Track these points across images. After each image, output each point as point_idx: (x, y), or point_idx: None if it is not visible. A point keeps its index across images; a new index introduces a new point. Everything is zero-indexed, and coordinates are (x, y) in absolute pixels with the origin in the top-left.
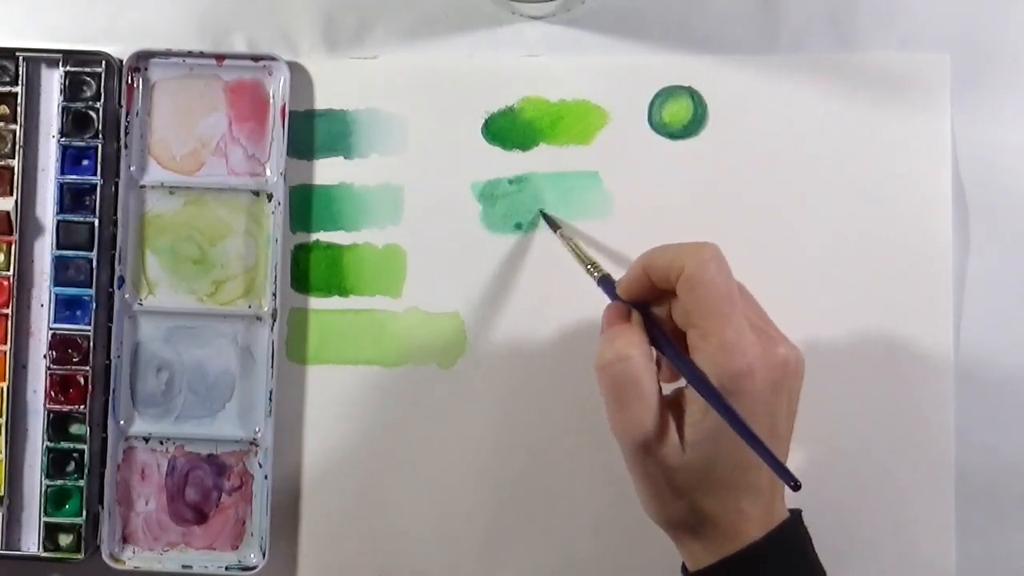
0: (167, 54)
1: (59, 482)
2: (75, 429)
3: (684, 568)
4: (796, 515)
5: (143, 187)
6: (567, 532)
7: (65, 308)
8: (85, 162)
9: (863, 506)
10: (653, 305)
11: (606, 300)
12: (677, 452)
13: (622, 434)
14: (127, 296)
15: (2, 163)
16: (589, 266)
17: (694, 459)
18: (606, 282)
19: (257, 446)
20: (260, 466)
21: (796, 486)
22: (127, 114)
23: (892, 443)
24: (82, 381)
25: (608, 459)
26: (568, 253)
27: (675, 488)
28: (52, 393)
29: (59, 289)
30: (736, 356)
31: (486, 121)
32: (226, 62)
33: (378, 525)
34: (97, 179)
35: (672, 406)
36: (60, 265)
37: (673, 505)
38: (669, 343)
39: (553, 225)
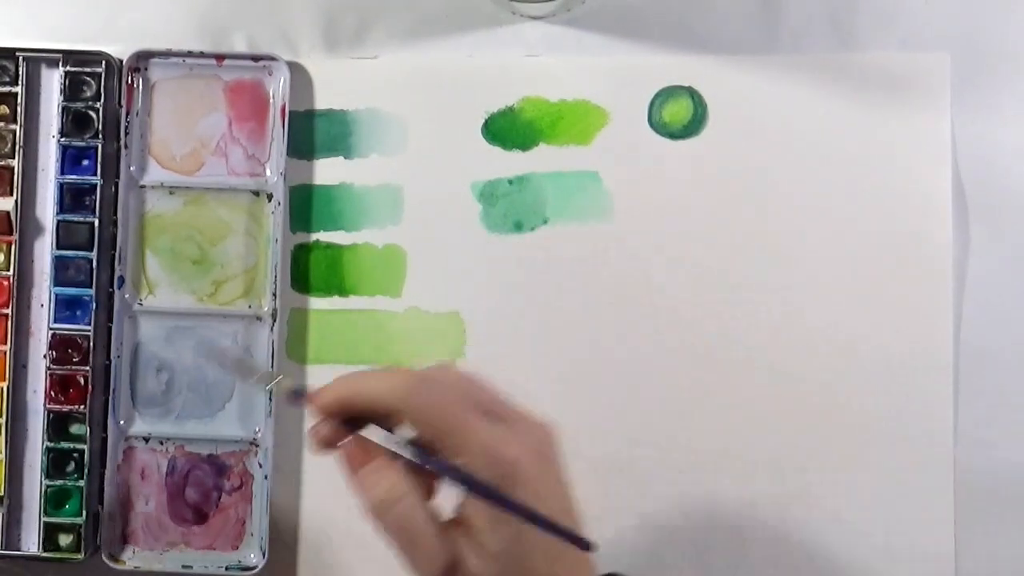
0: (167, 54)
1: (59, 482)
2: (75, 429)
3: None
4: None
5: (143, 187)
6: None
7: (65, 308)
8: (85, 162)
9: (863, 506)
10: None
11: (607, 299)
12: (483, 570)
13: (423, 573)
14: (127, 296)
15: (2, 163)
16: (274, 381)
17: (503, 569)
18: (298, 394)
19: (257, 446)
20: (260, 466)
21: (587, 547)
22: (127, 114)
23: (892, 443)
24: (82, 381)
25: (607, 459)
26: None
27: None
28: (52, 393)
29: (59, 289)
30: (494, 455)
31: (486, 121)
32: (226, 62)
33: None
34: (97, 179)
35: (459, 525)
36: (60, 265)
37: None
38: (424, 455)
39: (246, 373)
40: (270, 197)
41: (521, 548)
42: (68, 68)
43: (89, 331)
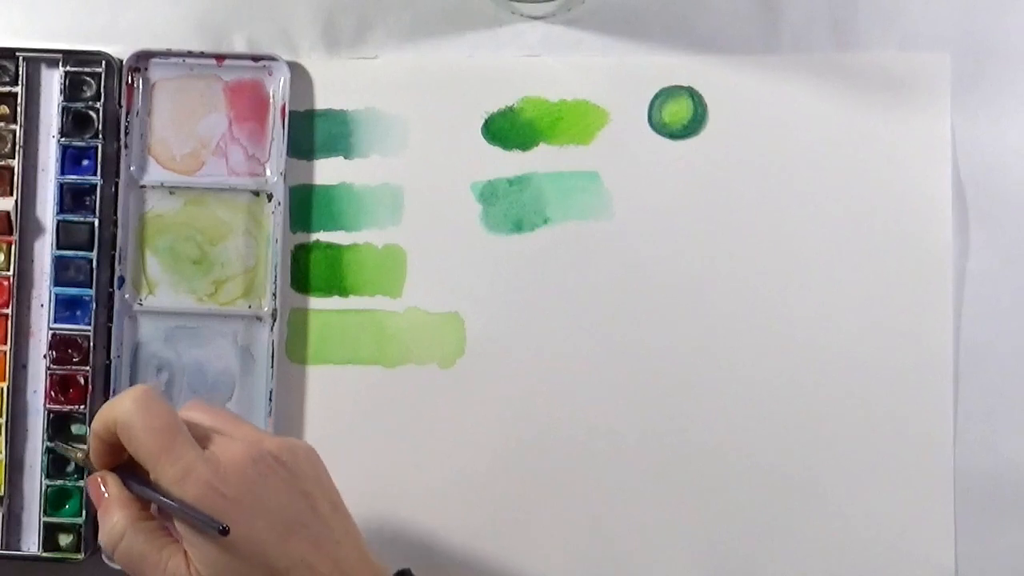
0: (167, 54)
1: (59, 482)
2: (75, 429)
3: None
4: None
5: (143, 187)
6: (567, 531)
7: (65, 308)
8: (85, 162)
9: (863, 506)
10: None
11: (607, 300)
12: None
13: (105, 524)
14: (127, 296)
15: (2, 163)
16: (79, 454)
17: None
18: (84, 464)
19: None
20: None
21: (225, 532)
22: (127, 114)
23: (892, 443)
24: (82, 381)
25: (607, 458)
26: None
27: None
28: (52, 393)
29: (59, 289)
30: (190, 479)
31: (486, 121)
32: (226, 62)
33: (378, 525)
34: (97, 179)
35: (184, 554)
36: (60, 265)
37: None
38: (142, 485)
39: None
40: (270, 197)
41: (229, 566)
42: (68, 68)
43: (89, 331)
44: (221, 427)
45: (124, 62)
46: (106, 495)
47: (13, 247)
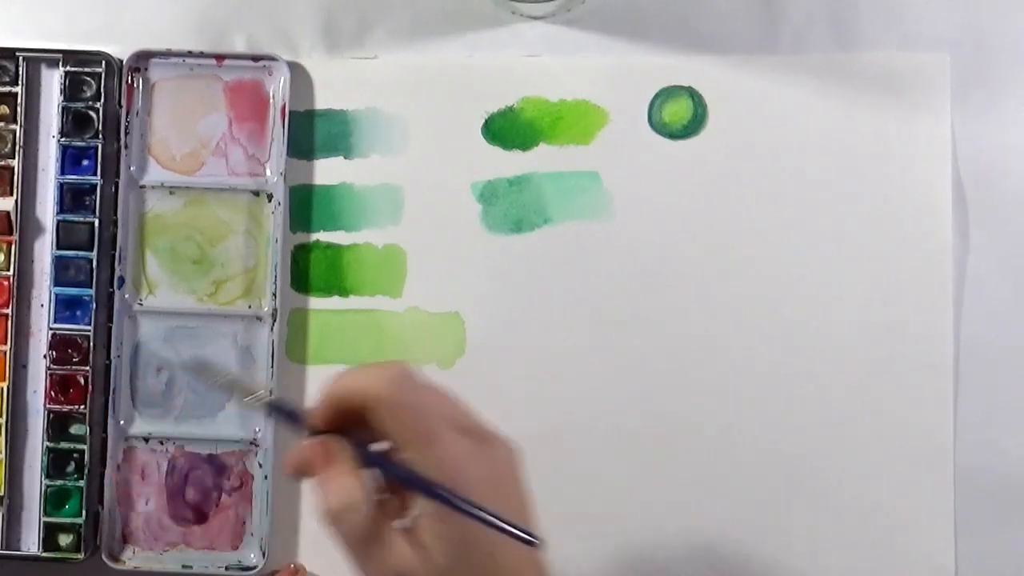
0: (167, 54)
1: (59, 482)
2: (75, 429)
3: None
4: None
5: (143, 187)
6: (567, 531)
7: (65, 308)
8: (85, 162)
9: (863, 505)
10: (354, 429)
11: (607, 300)
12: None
13: (324, 503)
14: (127, 296)
15: (2, 163)
16: (250, 397)
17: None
18: (274, 406)
19: (257, 446)
20: (260, 466)
21: (533, 543)
22: (127, 114)
23: (892, 442)
24: (82, 381)
25: (607, 457)
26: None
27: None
28: (52, 393)
29: (59, 289)
30: (455, 471)
31: (486, 121)
32: (226, 62)
33: None
34: (97, 179)
35: (410, 536)
36: (60, 265)
37: None
38: (383, 460)
39: (208, 376)
40: (270, 197)
41: (468, 564)
42: (68, 68)
43: (89, 331)
44: (466, 420)
45: (124, 62)
46: (339, 462)
47: (13, 247)
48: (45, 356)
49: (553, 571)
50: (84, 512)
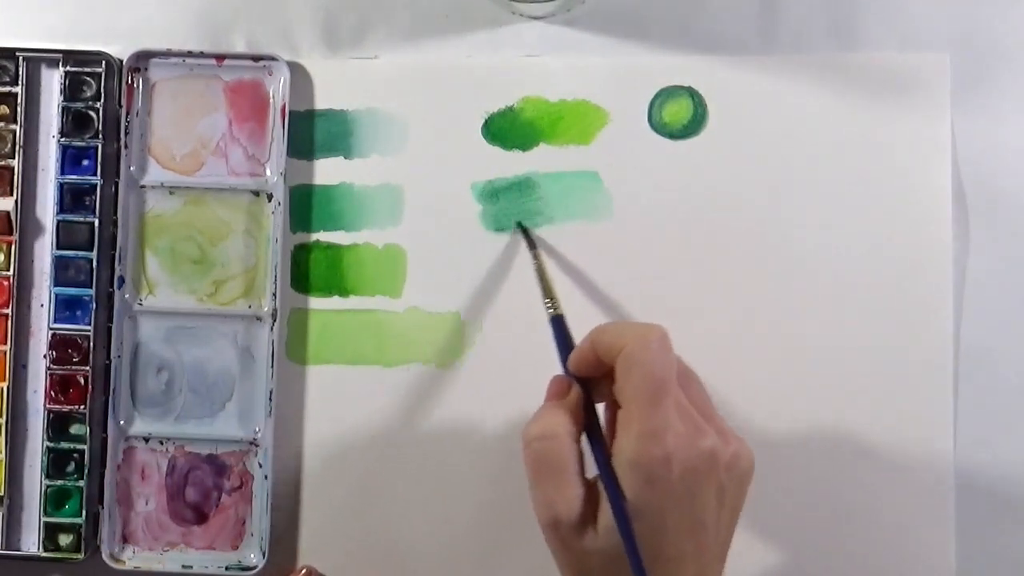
0: (167, 54)
1: (59, 482)
2: (75, 429)
3: None
4: None
5: (143, 187)
6: None
7: (65, 308)
8: (85, 162)
9: (863, 505)
10: (600, 380)
11: (607, 300)
12: (590, 535)
13: (535, 509)
14: (127, 296)
15: (2, 163)
16: (548, 300)
17: (606, 545)
18: (558, 322)
19: (257, 446)
20: (260, 466)
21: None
22: (127, 114)
23: (892, 443)
24: (82, 381)
25: None
26: (533, 273)
27: (588, 571)
28: (52, 393)
29: (59, 289)
30: (655, 444)
31: (486, 121)
32: (226, 62)
33: (378, 525)
34: (97, 179)
35: (594, 489)
36: (60, 265)
37: None
38: (596, 427)
39: (530, 243)
40: (270, 197)
41: (618, 565)
42: (68, 68)
43: (89, 331)
44: (701, 409)
45: (124, 62)
46: (564, 401)
47: (13, 247)
48: (45, 356)
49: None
50: (84, 512)
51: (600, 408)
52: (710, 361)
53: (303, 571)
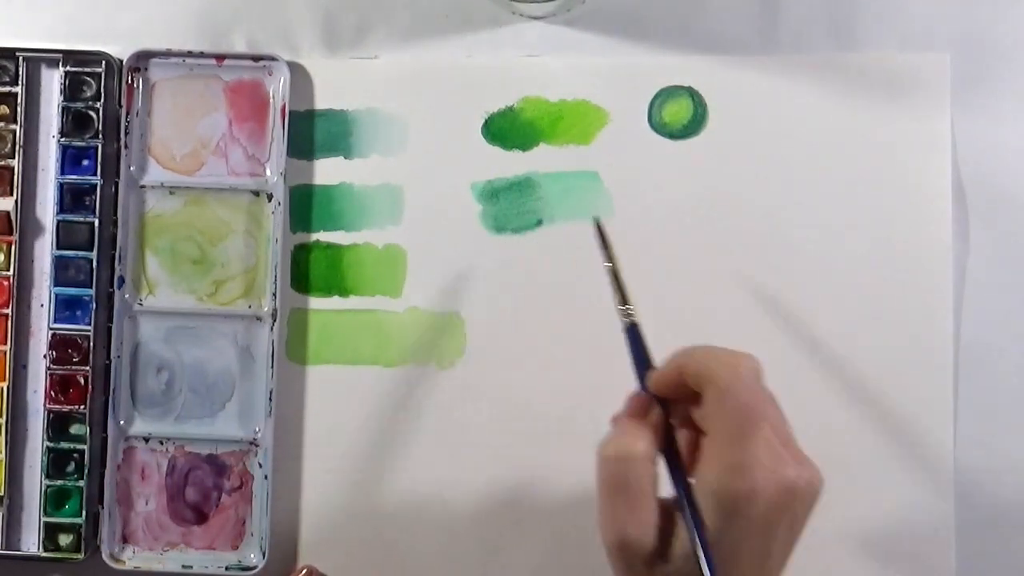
0: (167, 54)
1: (59, 482)
2: (75, 429)
3: None
4: None
5: (143, 187)
6: (566, 532)
7: (65, 308)
8: (85, 162)
9: (863, 506)
10: (679, 401)
11: (607, 300)
12: (660, 563)
13: (603, 527)
14: (127, 296)
15: (2, 163)
16: (624, 307)
17: (676, 572)
18: (634, 332)
19: (257, 446)
20: (260, 466)
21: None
22: (127, 114)
23: (892, 443)
24: (82, 381)
25: None
26: (607, 278)
27: None
28: (52, 393)
29: (59, 289)
30: (742, 479)
31: (486, 121)
32: (226, 62)
33: (378, 525)
34: (97, 179)
35: (668, 515)
36: (60, 265)
37: None
38: (676, 452)
39: (604, 242)
40: (270, 197)
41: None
42: (68, 68)
43: (89, 331)
44: (781, 436)
45: (124, 62)
46: (645, 420)
47: (13, 247)
48: (45, 356)
49: (552, 569)
50: (84, 512)
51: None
52: None
53: (303, 571)
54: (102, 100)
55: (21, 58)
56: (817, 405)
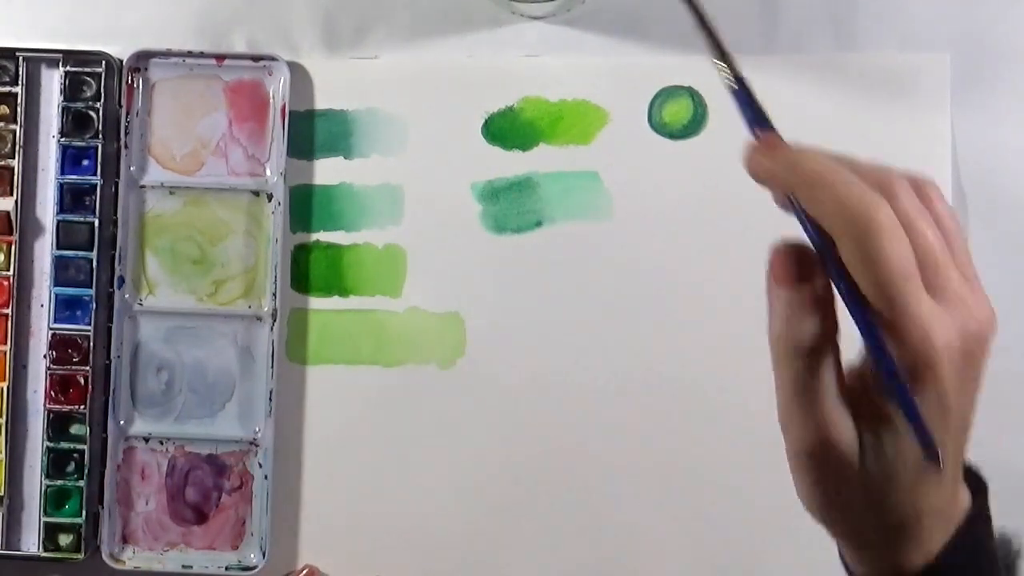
0: (167, 54)
1: (59, 482)
2: (75, 429)
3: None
4: (978, 507)
5: (143, 187)
6: (566, 531)
7: (65, 308)
8: (85, 162)
9: None
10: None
11: (607, 300)
12: (852, 468)
13: (791, 434)
14: (127, 296)
15: (2, 163)
16: (722, 64)
17: (875, 477)
18: (743, 89)
19: (257, 446)
20: (260, 466)
21: (936, 459)
22: (127, 114)
23: None
24: (82, 381)
25: (607, 457)
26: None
27: (851, 496)
28: (52, 393)
29: (59, 289)
30: (924, 343)
31: (486, 121)
32: (226, 62)
33: (378, 525)
34: (97, 179)
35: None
36: (60, 265)
37: (842, 505)
38: (857, 302)
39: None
40: (270, 197)
41: (896, 452)
42: (68, 68)
43: (89, 331)
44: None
45: (124, 62)
46: (815, 298)
47: (13, 247)
48: (45, 356)
49: (553, 568)
50: (84, 512)
51: None
52: (711, 360)
53: (304, 571)
54: (102, 100)
55: (21, 58)
56: None
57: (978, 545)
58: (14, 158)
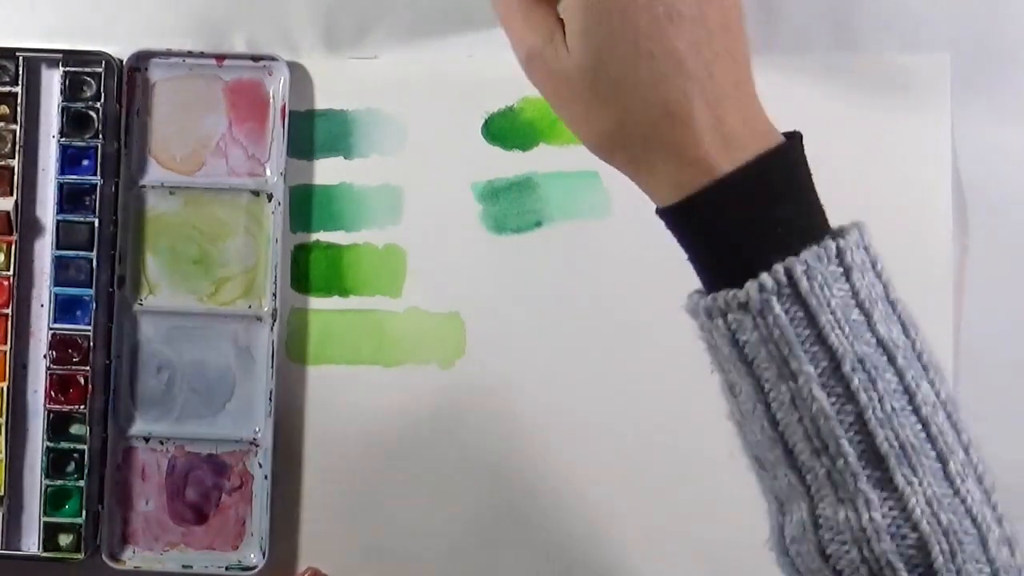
0: (167, 54)
1: (59, 482)
2: (75, 429)
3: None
4: (790, 143)
5: (143, 187)
6: (566, 531)
7: (65, 308)
8: (85, 162)
9: None
10: None
11: (606, 300)
12: (563, 55)
13: (516, 52)
14: (127, 296)
15: (2, 163)
16: None
17: (580, 58)
18: None
19: (257, 446)
20: (260, 466)
21: None
22: (127, 114)
23: None
24: (82, 381)
25: (607, 457)
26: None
27: (572, 92)
28: (52, 393)
29: (59, 289)
30: None
31: (486, 121)
32: (226, 62)
33: (378, 525)
34: (97, 179)
35: (554, 11)
36: (60, 265)
37: (595, 121)
38: None
39: None
40: (270, 197)
41: (603, 40)
42: (68, 68)
43: (89, 331)
44: None
45: (124, 62)
46: None
47: (13, 247)
48: (45, 356)
49: (552, 568)
50: (84, 512)
51: None
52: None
53: (307, 572)
54: (102, 100)
55: (21, 58)
56: None
57: (789, 183)
58: (14, 158)
